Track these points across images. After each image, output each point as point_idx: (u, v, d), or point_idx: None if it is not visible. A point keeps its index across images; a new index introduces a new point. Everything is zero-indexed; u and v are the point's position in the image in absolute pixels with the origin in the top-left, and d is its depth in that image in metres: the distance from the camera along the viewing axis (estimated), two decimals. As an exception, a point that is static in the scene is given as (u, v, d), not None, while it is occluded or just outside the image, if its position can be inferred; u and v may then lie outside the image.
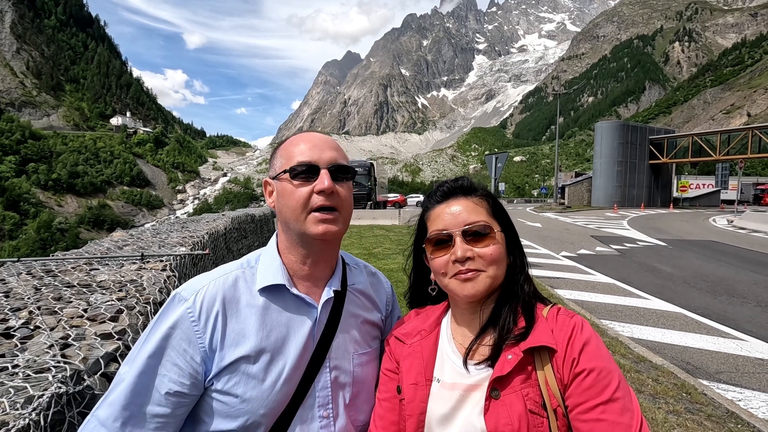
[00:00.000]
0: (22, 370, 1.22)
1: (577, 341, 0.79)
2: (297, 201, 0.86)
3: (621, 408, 0.74)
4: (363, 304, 1.02)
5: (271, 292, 0.88)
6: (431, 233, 0.90)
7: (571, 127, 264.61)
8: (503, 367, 0.80)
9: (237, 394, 0.82)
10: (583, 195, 49.45)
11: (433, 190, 0.97)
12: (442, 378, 0.88)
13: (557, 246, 12.83)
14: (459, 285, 0.85)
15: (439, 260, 0.88)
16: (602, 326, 5.34)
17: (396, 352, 0.97)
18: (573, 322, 0.83)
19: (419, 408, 0.87)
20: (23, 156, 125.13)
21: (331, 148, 0.90)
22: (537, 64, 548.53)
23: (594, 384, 0.75)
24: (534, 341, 0.80)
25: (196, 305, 0.83)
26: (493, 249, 0.85)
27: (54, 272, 2.63)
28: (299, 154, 0.88)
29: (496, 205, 0.93)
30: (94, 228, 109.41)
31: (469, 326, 0.91)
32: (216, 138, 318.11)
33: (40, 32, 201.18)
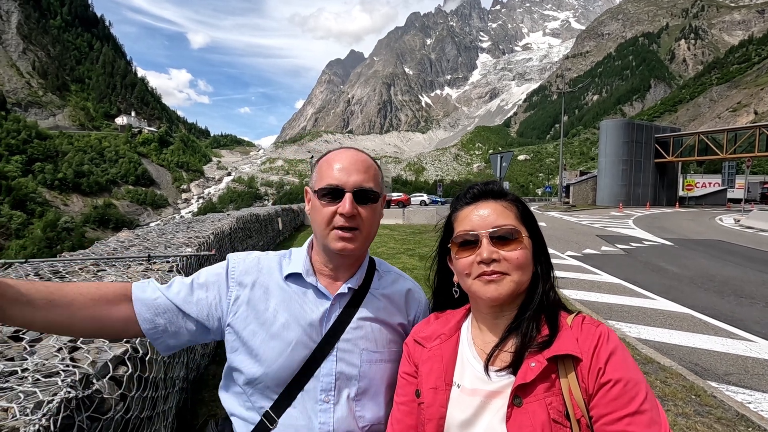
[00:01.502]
0: (32, 374, 1.21)
1: (603, 351, 0.78)
2: (322, 218, 0.98)
3: (648, 420, 0.72)
4: (385, 307, 1.06)
5: (295, 280, 1.02)
6: (458, 233, 0.91)
7: (575, 126, 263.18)
8: (526, 375, 0.79)
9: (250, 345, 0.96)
10: (588, 194, 49.21)
11: (462, 192, 0.97)
12: (462, 383, 0.88)
13: (562, 245, 12.77)
14: (482, 286, 0.85)
15: (464, 261, 0.88)
16: (608, 326, 5.30)
17: (415, 355, 0.97)
18: (599, 331, 0.82)
19: (439, 413, 0.87)
20: (29, 156, 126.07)
21: (359, 171, 0.98)
22: (541, 62, 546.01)
23: (621, 395, 0.74)
24: (559, 349, 0.80)
25: (237, 266, 1.03)
26: (520, 253, 0.85)
27: (61, 273, 2.63)
28: (329, 176, 0.98)
29: (526, 211, 0.93)
30: (99, 227, 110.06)
31: (490, 331, 0.91)
32: (220, 137, 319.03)
33: (46, 32, 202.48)
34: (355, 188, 0.96)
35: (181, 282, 1.00)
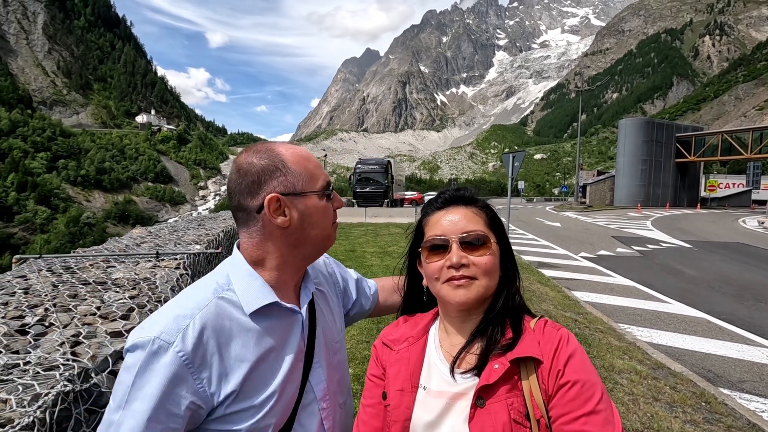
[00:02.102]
0: (33, 367, 1.24)
1: (562, 353, 0.81)
2: (329, 218, 0.92)
3: (603, 420, 0.76)
4: (326, 296, 1.05)
5: (261, 311, 0.86)
6: (428, 238, 0.92)
7: (594, 125, 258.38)
8: (489, 376, 0.81)
9: (246, 417, 0.81)
10: (605, 194, 48.31)
11: (433, 198, 0.99)
12: (428, 386, 0.89)
13: (576, 246, 12.58)
14: (451, 291, 0.86)
15: (434, 265, 0.89)
16: (619, 330, 5.22)
17: (383, 358, 0.98)
18: (559, 334, 0.85)
19: (404, 414, 0.88)
20: (54, 153, 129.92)
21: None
22: (559, 59, 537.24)
23: (578, 395, 0.77)
24: (521, 352, 0.82)
25: (187, 346, 0.74)
26: (488, 259, 0.87)
27: (73, 269, 2.71)
28: (323, 173, 0.92)
29: (494, 217, 0.95)
30: (119, 223, 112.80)
31: (457, 335, 0.92)
32: (237, 135, 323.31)
33: (70, 33, 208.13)
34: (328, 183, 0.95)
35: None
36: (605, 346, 4.44)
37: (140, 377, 0.73)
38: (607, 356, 4.16)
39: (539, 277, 7.94)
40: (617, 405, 3.23)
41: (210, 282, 0.86)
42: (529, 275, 7.92)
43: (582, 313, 5.72)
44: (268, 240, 0.87)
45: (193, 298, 0.82)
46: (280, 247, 0.88)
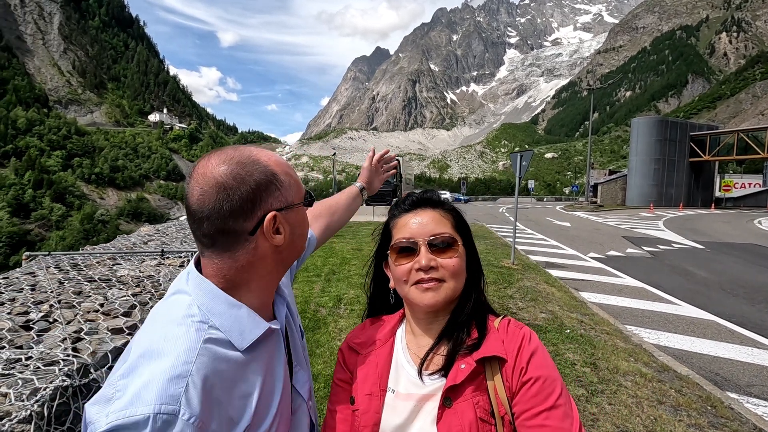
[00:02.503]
0: (34, 362, 1.27)
1: (525, 351, 0.83)
2: (308, 227, 0.88)
3: (563, 414, 0.78)
4: (284, 285, 0.99)
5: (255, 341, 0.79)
6: (397, 240, 0.91)
7: (606, 123, 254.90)
8: (456, 377, 0.82)
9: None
10: (616, 193, 47.69)
11: (401, 200, 0.98)
12: (396, 388, 0.89)
13: (585, 246, 12.45)
14: (420, 294, 0.86)
15: (402, 268, 0.88)
16: (626, 332, 5.16)
17: (350, 361, 0.96)
18: (522, 333, 0.87)
19: (373, 419, 0.87)
20: (69, 151, 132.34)
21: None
22: (571, 57, 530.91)
23: (539, 392, 0.79)
24: (486, 351, 0.83)
25: (195, 409, 0.62)
26: (456, 261, 0.87)
27: (80, 266, 2.77)
28: (298, 181, 0.84)
29: (461, 219, 0.95)
30: (132, 220, 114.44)
31: (424, 336, 0.92)
32: (247, 134, 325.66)
33: (85, 33, 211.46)
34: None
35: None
36: (611, 348, 4.39)
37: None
38: (612, 358, 4.12)
39: (546, 277, 7.88)
40: (621, 407, 3.20)
41: (184, 321, 0.71)
42: (536, 275, 7.87)
43: (588, 314, 5.67)
44: (258, 262, 0.77)
45: (177, 349, 0.67)
46: (269, 267, 0.80)
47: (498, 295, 6.28)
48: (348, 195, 1.44)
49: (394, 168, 1.64)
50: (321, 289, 6.37)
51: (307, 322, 4.87)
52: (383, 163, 1.58)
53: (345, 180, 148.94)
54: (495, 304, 5.82)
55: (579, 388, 3.46)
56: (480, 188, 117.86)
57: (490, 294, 6.34)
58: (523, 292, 6.51)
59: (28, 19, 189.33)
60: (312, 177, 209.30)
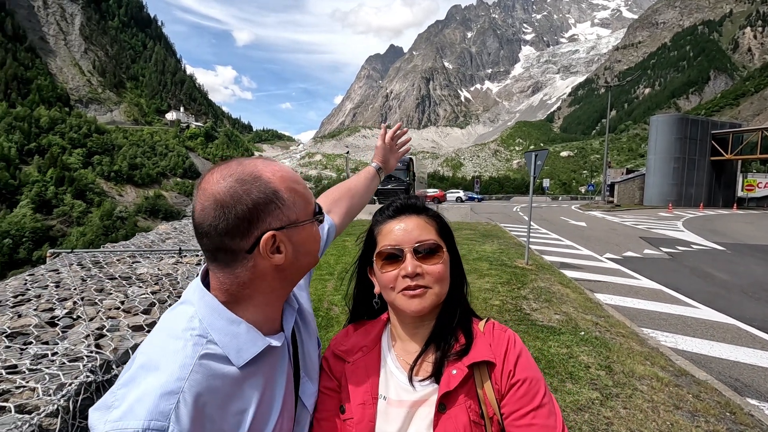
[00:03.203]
0: (60, 358, 1.31)
1: (511, 354, 0.86)
2: (320, 240, 0.85)
3: (548, 412, 0.82)
4: (298, 292, 0.97)
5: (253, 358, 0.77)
6: (383, 247, 0.91)
7: (624, 121, 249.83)
8: (450, 383, 0.84)
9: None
10: (634, 193, 46.82)
11: (385, 206, 0.99)
12: (387, 395, 0.89)
13: (601, 247, 12.26)
14: (406, 301, 0.87)
15: (389, 275, 0.89)
16: (642, 335, 5.08)
17: (336, 369, 0.95)
18: (507, 336, 0.90)
19: (368, 427, 0.87)
20: (89, 149, 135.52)
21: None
22: (588, 54, 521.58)
23: (526, 393, 0.82)
24: (477, 356, 0.86)
25: (184, 426, 0.63)
26: (441, 267, 0.88)
27: (101, 264, 2.85)
28: (311, 194, 0.82)
29: (444, 225, 0.96)
30: (150, 217, 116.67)
31: (411, 341, 0.93)
32: (262, 132, 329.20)
33: (105, 33, 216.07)
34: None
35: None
36: (626, 351, 4.33)
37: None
38: (627, 361, 4.07)
39: (560, 278, 7.79)
40: (636, 412, 3.16)
41: (183, 335, 0.71)
42: (550, 276, 7.79)
43: (603, 316, 5.59)
44: (258, 280, 0.76)
45: (172, 365, 0.67)
46: (271, 284, 0.79)
47: (511, 296, 6.24)
48: (365, 176, 1.42)
49: (408, 142, 1.58)
50: (334, 287, 6.42)
51: (320, 321, 4.92)
52: (396, 139, 1.53)
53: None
54: (508, 305, 5.78)
55: (593, 392, 3.42)
56: (494, 187, 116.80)
57: (503, 294, 6.31)
58: (537, 293, 6.45)
59: (51, 20, 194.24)
60: (325, 175, 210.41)
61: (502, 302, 5.91)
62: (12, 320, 1.67)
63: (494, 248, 10.68)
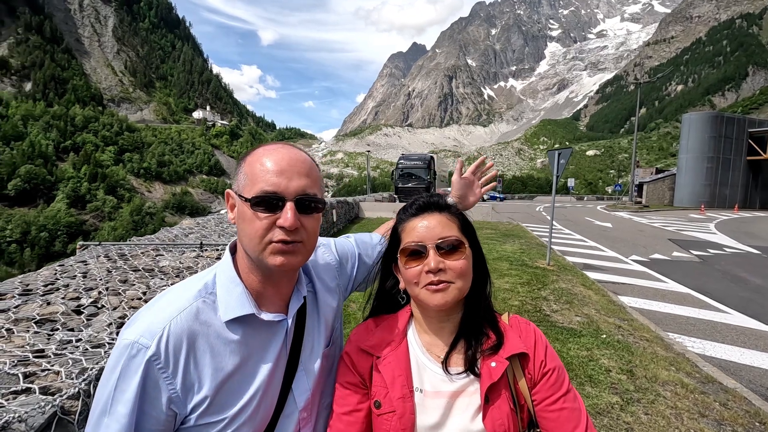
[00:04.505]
0: (83, 344, 1.41)
1: (540, 345, 0.93)
2: (255, 231, 0.79)
3: (574, 396, 0.90)
4: (320, 298, 1.01)
5: (240, 320, 0.82)
6: (407, 244, 0.94)
7: (654, 119, 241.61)
8: (492, 375, 0.88)
9: (223, 426, 0.80)
10: (664, 193, 45.27)
11: (408, 204, 1.01)
12: (423, 387, 0.91)
13: (627, 249, 11.91)
14: (430, 295, 0.89)
15: (413, 270, 0.91)
16: (668, 340, 4.91)
17: (361, 364, 0.96)
18: (532, 328, 0.96)
19: (410, 420, 0.89)
20: (120, 146, 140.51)
21: (300, 174, 0.82)
22: (617, 50, 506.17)
23: (556, 380, 0.90)
24: (514, 349, 0.91)
25: (160, 351, 0.75)
26: (463, 263, 0.90)
27: (126, 256, 2.96)
28: (263, 180, 0.79)
29: (466, 222, 0.99)
30: (177, 212, 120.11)
31: (437, 335, 0.96)
32: (285, 130, 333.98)
33: (136, 34, 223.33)
34: (298, 195, 0.81)
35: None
36: (650, 356, 4.20)
37: (122, 380, 0.74)
38: (651, 366, 3.94)
39: (583, 279, 7.61)
40: (658, 418, 3.06)
41: (198, 283, 0.84)
42: (572, 277, 7.62)
43: (627, 320, 5.43)
44: (238, 227, 0.83)
45: (177, 300, 0.80)
46: (241, 249, 0.86)
47: (531, 296, 6.14)
48: None
49: (494, 177, 1.37)
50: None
51: (338, 317, 4.95)
52: (479, 173, 1.35)
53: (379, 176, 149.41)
54: (527, 306, 5.69)
55: (613, 396, 3.34)
56: (517, 186, 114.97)
57: (523, 295, 6.21)
58: (558, 294, 6.33)
59: (86, 23, 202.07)
60: (347, 173, 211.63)
61: (521, 303, 5.82)
62: (41, 307, 1.76)
63: (515, 248, 10.52)
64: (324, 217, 12.95)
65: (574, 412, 0.88)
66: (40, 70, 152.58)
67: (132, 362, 0.74)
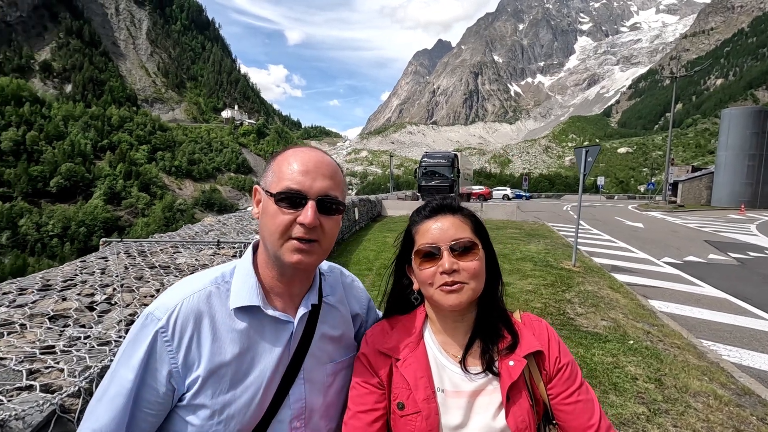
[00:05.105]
0: (91, 341, 1.41)
1: (553, 341, 0.96)
2: (277, 226, 0.84)
3: (587, 388, 0.94)
4: (337, 314, 1.03)
5: (247, 311, 0.87)
6: (421, 245, 0.95)
7: (691, 114, 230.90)
8: (512, 374, 0.90)
9: (211, 412, 0.82)
10: (700, 192, 43.21)
11: (421, 206, 1.03)
12: (444, 387, 0.93)
13: (659, 250, 11.41)
14: (444, 296, 0.91)
15: (427, 271, 0.93)
16: (701, 347, 4.66)
17: (378, 366, 0.97)
18: (544, 325, 0.99)
19: (435, 420, 0.90)
20: (153, 145, 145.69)
21: (324, 176, 0.87)
22: (652, 43, 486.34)
23: (570, 375, 0.93)
24: (529, 347, 0.93)
25: (169, 325, 0.81)
26: (476, 264, 0.92)
27: (145, 253, 3.02)
28: (289, 178, 0.84)
29: (479, 224, 1.00)
30: (206, 209, 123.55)
31: (453, 335, 0.98)
32: (310, 129, 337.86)
33: (168, 36, 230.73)
34: (320, 196, 0.85)
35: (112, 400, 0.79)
36: (680, 364, 3.99)
37: (131, 346, 0.81)
38: (681, 375, 3.74)
39: (610, 282, 7.33)
40: (688, 431, 2.89)
41: (217, 271, 0.91)
42: (599, 279, 7.35)
43: (657, 325, 5.19)
44: (261, 221, 0.89)
45: (194, 283, 0.88)
46: (261, 243, 0.92)
47: (555, 299, 5.95)
48: None
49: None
50: (371, 282, 6.43)
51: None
52: None
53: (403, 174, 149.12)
54: (550, 308, 5.52)
55: (639, 406, 3.18)
56: (544, 185, 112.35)
57: (546, 297, 6.03)
58: (583, 297, 6.11)
59: (122, 26, 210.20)
60: (371, 171, 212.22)
61: (544, 305, 5.65)
62: (56, 303, 1.79)
63: (540, 248, 10.25)
64: (346, 215, 13.01)
65: (588, 404, 0.91)
66: (79, 73, 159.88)
67: (143, 331, 0.81)
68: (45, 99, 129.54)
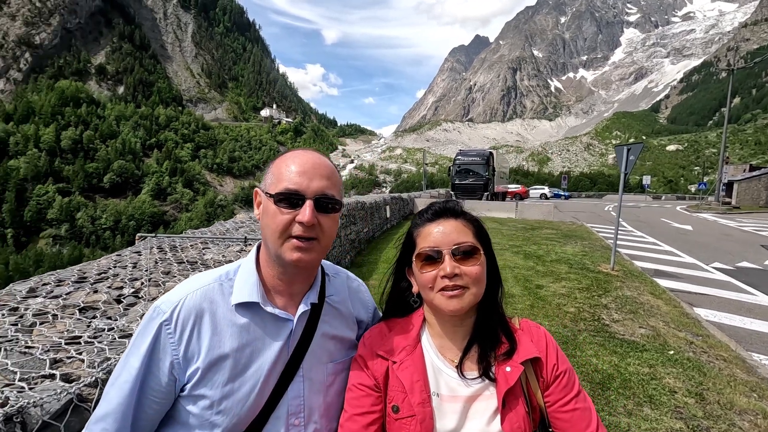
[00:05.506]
0: (114, 333, 1.46)
1: (551, 348, 0.95)
2: (277, 225, 0.87)
3: (584, 396, 0.93)
4: (339, 315, 1.04)
5: (247, 308, 0.90)
6: (422, 249, 0.95)
7: (751, 109, 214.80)
8: (508, 380, 0.90)
9: (210, 403, 0.85)
10: (759, 193, 40.16)
11: (423, 210, 1.02)
12: (439, 392, 0.93)
13: (708, 255, 10.70)
14: (445, 300, 0.90)
15: (428, 275, 0.92)
16: (751, 361, 4.32)
17: (375, 368, 0.97)
18: (542, 332, 0.98)
19: (430, 425, 0.90)
20: (196, 143, 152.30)
21: (321, 177, 0.89)
22: (707, 34, 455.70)
23: (568, 382, 0.93)
24: (527, 353, 0.93)
25: (173, 318, 0.86)
26: (478, 269, 0.92)
27: (177, 248, 3.14)
28: (288, 179, 0.88)
29: (481, 229, 0.99)
30: (245, 206, 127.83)
31: (451, 339, 0.97)
32: (345, 127, 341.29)
33: (211, 39, 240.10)
34: (317, 195, 0.88)
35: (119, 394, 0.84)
36: (726, 379, 3.72)
37: (139, 337, 0.86)
38: (726, 391, 3.48)
39: (652, 287, 6.94)
40: (730, 451, 2.69)
41: (222, 269, 0.96)
42: (640, 284, 6.98)
43: (701, 335, 4.86)
44: (262, 221, 0.92)
45: (199, 280, 0.92)
46: (263, 243, 0.95)
47: (589, 304, 5.70)
48: None
49: None
50: (378, 283, 6.40)
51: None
52: None
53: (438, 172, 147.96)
54: (584, 313, 5.29)
55: (676, 421, 2.98)
56: (584, 184, 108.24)
57: (581, 301, 5.79)
58: (621, 303, 5.82)
59: (169, 30, 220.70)
60: (405, 169, 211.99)
61: (577, 309, 5.43)
62: (87, 295, 1.88)
63: (576, 250, 9.87)
64: (377, 213, 13.06)
65: (586, 412, 0.90)
66: (130, 75, 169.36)
67: (150, 323, 0.86)
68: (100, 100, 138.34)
